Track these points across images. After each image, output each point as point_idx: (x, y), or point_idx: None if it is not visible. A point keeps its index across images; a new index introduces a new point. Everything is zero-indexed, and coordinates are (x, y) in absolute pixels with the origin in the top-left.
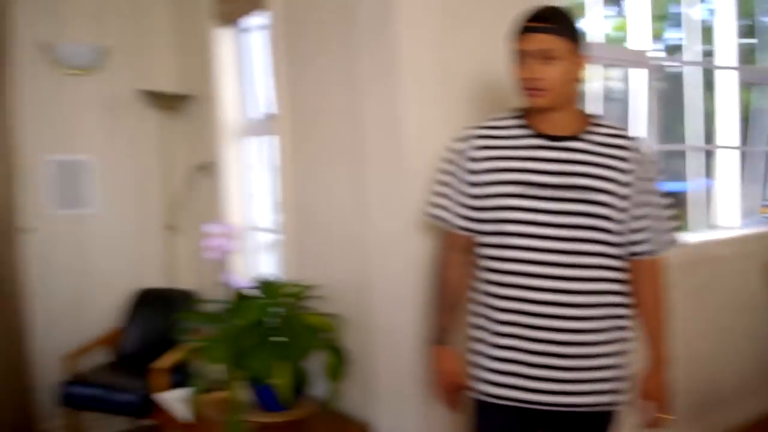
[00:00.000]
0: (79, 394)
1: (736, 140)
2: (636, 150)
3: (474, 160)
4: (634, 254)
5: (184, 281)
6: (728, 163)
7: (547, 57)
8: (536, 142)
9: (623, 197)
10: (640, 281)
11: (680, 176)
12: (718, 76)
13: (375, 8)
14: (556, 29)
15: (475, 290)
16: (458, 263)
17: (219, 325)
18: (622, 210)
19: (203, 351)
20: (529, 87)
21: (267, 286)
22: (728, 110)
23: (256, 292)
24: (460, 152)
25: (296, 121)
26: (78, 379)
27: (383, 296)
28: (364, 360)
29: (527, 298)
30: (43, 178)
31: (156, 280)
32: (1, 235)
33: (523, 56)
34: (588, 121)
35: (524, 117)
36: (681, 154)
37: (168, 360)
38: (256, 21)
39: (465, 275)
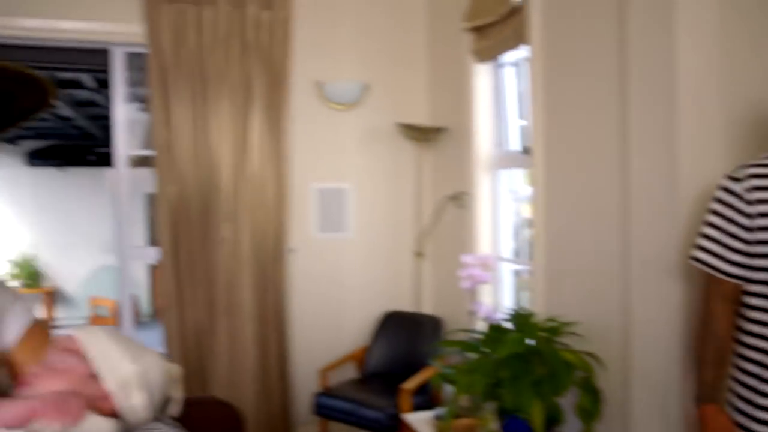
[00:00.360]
0: (330, 405)
1: None
2: None
3: (748, 202)
4: None
5: (428, 306)
6: None
7: None
8: None
9: None
10: None
11: None
12: None
13: (649, 34)
14: None
15: (742, 344)
16: (726, 314)
17: (476, 354)
18: None
19: (456, 378)
20: None
21: (522, 319)
22: None
23: (509, 325)
24: (732, 192)
25: (551, 154)
26: (329, 392)
27: (643, 340)
28: (620, 403)
29: None
30: (309, 204)
31: (403, 304)
32: (273, 255)
33: None
34: None
35: None
36: None
37: (414, 381)
38: (512, 55)
39: (732, 327)
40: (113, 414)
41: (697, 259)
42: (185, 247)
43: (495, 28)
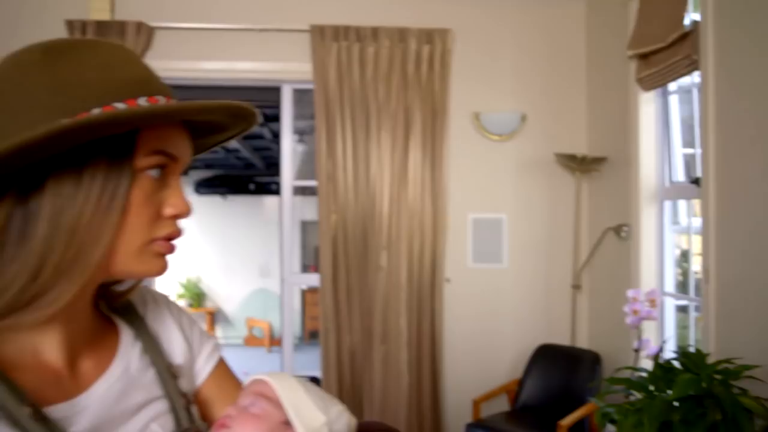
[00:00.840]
0: None
1: None
2: None
3: None
4: None
5: (583, 340)
6: None
7: None
8: None
9: None
10: None
11: None
12: None
13: None
14: None
15: None
16: None
17: (643, 394)
18: None
19: (621, 417)
20: None
21: (693, 359)
22: None
23: (678, 364)
24: None
25: (724, 184)
26: (481, 423)
27: None
28: None
29: None
30: (465, 234)
31: (557, 337)
32: (429, 283)
33: None
34: None
35: None
36: None
37: (572, 418)
38: (679, 82)
39: None
40: None
41: None
42: (344, 273)
43: (662, 54)
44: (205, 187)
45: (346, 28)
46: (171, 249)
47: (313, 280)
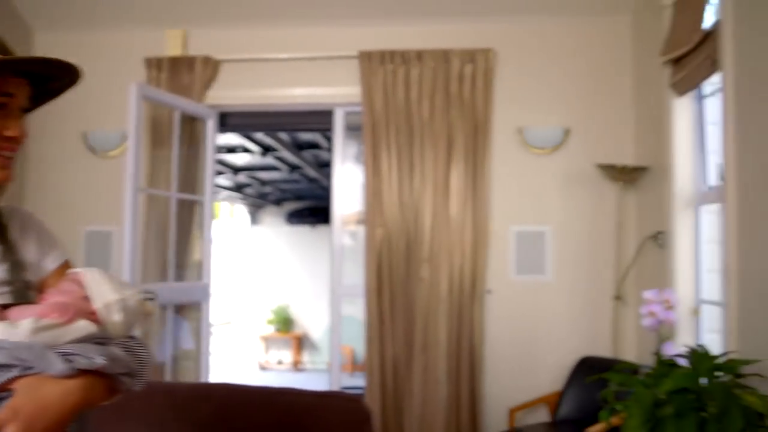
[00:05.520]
0: None
1: None
2: None
3: None
4: None
5: (629, 353)
6: None
7: None
8: None
9: None
10: None
11: None
12: None
13: None
14: None
15: None
16: None
17: (639, 387)
18: None
19: (624, 417)
20: None
21: (696, 356)
22: None
23: (684, 362)
24: None
25: (742, 188)
26: None
27: None
28: None
29: None
30: (508, 246)
31: (601, 349)
32: (470, 295)
33: None
34: None
35: None
36: None
37: (599, 426)
38: (712, 86)
39: None
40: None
41: None
42: (387, 286)
43: (689, 57)
44: (296, 217)
45: (392, 53)
46: (8, 163)
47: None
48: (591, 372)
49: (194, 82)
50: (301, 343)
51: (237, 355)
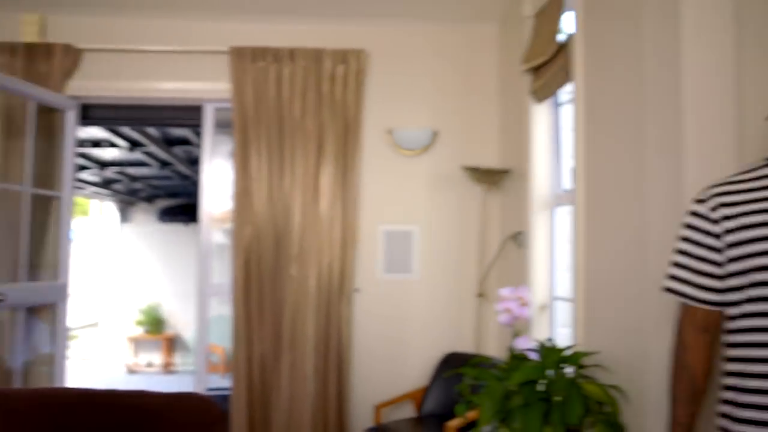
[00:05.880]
0: None
1: None
2: None
3: (714, 221)
4: None
5: (491, 348)
6: None
7: None
8: None
9: None
10: None
11: None
12: None
13: (662, 75)
14: None
15: (727, 374)
16: (699, 345)
17: (490, 383)
18: None
19: (479, 410)
20: None
21: (545, 350)
22: None
23: (534, 355)
24: (698, 215)
25: (589, 192)
26: (380, 428)
27: (658, 369)
28: None
29: None
30: (376, 245)
31: (465, 345)
32: (340, 293)
33: None
34: None
35: None
36: None
37: (458, 421)
38: (567, 95)
39: (707, 359)
40: None
41: (669, 289)
42: (256, 284)
43: (547, 66)
44: (168, 215)
45: (264, 50)
46: None
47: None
48: (455, 368)
49: (53, 71)
50: (173, 344)
51: (103, 359)
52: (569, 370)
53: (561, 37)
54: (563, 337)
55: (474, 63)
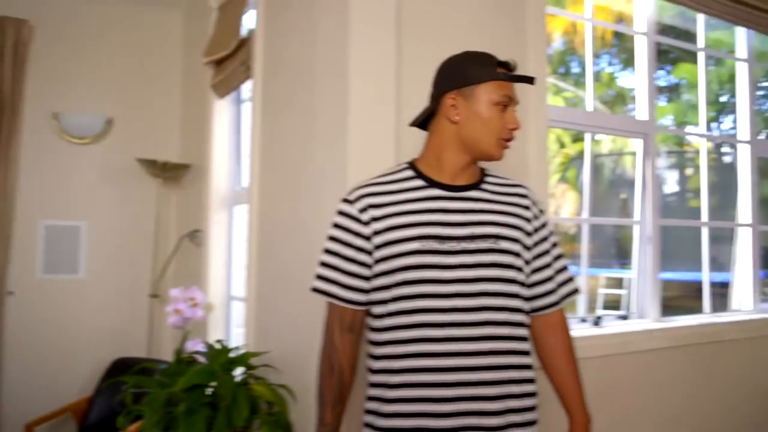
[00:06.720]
0: None
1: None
2: (531, 199)
3: (365, 223)
4: (538, 309)
5: (165, 352)
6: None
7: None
8: (435, 193)
9: (527, 247)
10: (548, 337)
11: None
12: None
13: (331, 81)
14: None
15: (372, 371)
16: (348, 344)
17: (154, 390)
18: (526, 261)
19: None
20: (509, 138)
21: (213, 352)
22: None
23: (201, 358)
24: (347, 215)
25: (263, 190)
26: None
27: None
28: None
29: (428, 367)
30: (35, 242)
31: (138, 350)
32: None
33: (507, 104)
34: (481, 171)
35: (414, 168)
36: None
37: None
38: (249, 92)
39: (356, 357)
40: None
41: (316, 289)
42: None
43: (229, 61)
44: None
45: None
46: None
47: None
48: (124, 373)
49: None
50: None
51: None
52: (240, 372)
53: (243, 32)
54: (239, 338)
55: (156, 50)
